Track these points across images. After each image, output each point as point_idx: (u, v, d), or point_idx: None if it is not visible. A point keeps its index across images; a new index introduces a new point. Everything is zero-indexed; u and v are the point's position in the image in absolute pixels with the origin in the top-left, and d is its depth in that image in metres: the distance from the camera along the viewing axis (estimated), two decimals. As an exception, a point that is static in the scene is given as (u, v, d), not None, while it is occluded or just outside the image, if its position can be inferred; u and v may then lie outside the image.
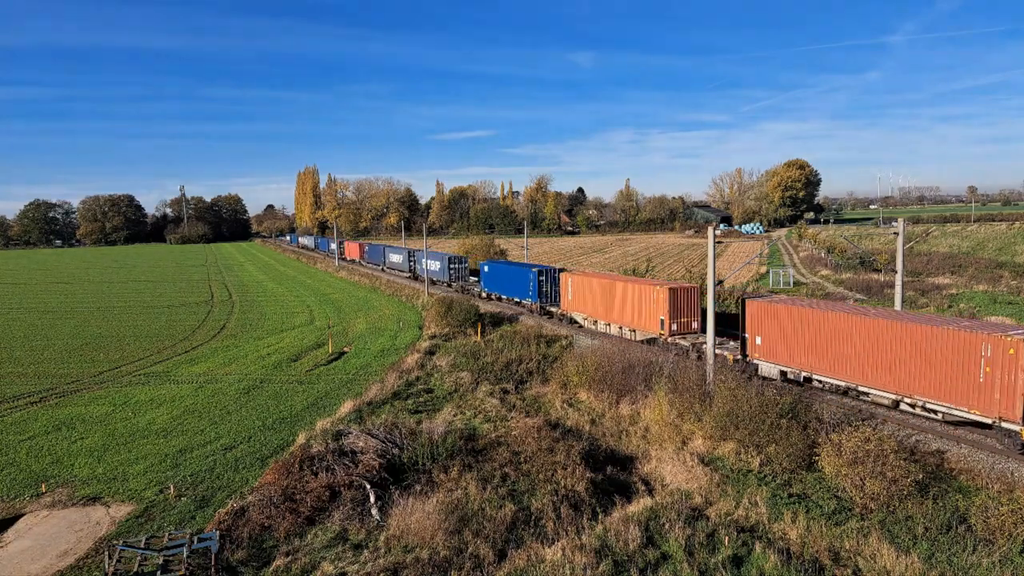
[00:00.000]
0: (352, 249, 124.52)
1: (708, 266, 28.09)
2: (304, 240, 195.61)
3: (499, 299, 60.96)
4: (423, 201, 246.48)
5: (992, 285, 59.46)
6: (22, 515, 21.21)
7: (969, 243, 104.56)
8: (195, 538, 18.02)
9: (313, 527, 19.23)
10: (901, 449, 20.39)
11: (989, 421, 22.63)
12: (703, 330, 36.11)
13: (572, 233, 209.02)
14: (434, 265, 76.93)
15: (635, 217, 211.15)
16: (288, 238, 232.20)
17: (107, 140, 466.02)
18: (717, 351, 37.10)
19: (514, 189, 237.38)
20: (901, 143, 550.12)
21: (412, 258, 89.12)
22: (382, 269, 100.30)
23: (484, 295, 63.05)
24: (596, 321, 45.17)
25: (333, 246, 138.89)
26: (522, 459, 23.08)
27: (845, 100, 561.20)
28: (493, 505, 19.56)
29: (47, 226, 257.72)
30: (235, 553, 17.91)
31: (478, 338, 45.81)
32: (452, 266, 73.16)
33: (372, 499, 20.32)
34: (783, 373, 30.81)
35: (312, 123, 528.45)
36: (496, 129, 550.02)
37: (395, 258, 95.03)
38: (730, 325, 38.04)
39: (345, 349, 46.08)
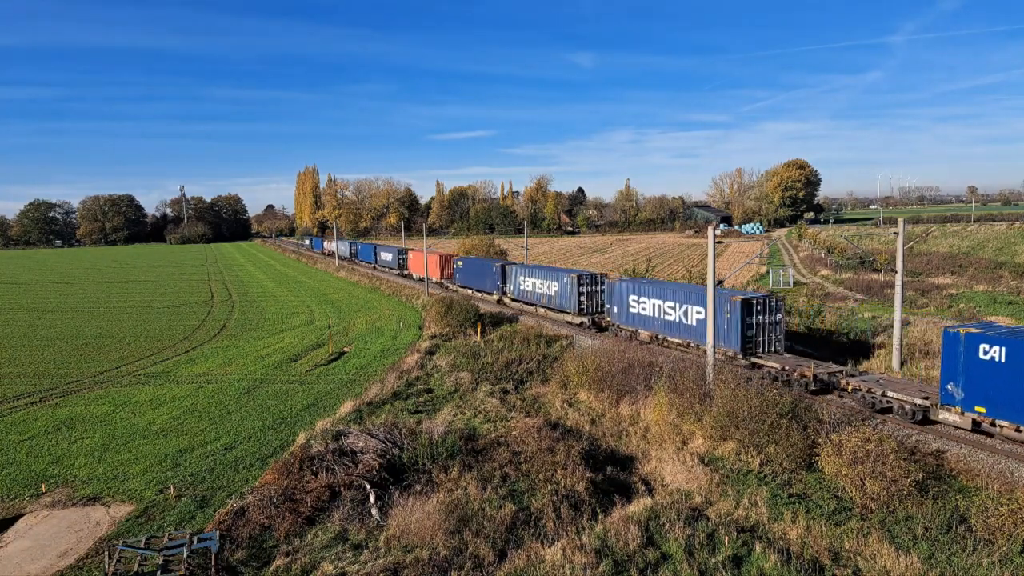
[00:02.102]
0: (424, 263, 72.76)
1: (708, 266, 28.08)
2: (332, 246, 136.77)
3: None
4: (423, 201, 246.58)
5: (992, 285, 59.43)
6: (22, 515, 21.20)
7: (969, 243, 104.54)
8: (195, 538, 18.01)
9: (313, 527, 19.22)
10: (901, 449, 20.38)
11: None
12: None
13: (572, 233, 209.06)
14: (668, 307, 37.27)
15: (635, 217, 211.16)
16: (308, 241, 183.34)
17: (107, 140, 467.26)
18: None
19: (514, 189, 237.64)
20: (901, 143, 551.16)
21: (591, 288, 45.22)
22: (498, 300, 58.78)
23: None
24: None
25: (386, 256, 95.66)
26: (522, 459, 23.07)
27: (845, 100, 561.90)
28: (493, 505, 19.55)
29: (47, 226, 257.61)
30: (235, 553, 17.90)
31: (478, 338, 45.80)
32: (761, 319, 32.92)
33: (372, 499, 20.32)
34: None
35: (312, 123, 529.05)
36: (496, 129, 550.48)
37: (543, 286, 49.89)
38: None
39: (345, 349, 46.08)
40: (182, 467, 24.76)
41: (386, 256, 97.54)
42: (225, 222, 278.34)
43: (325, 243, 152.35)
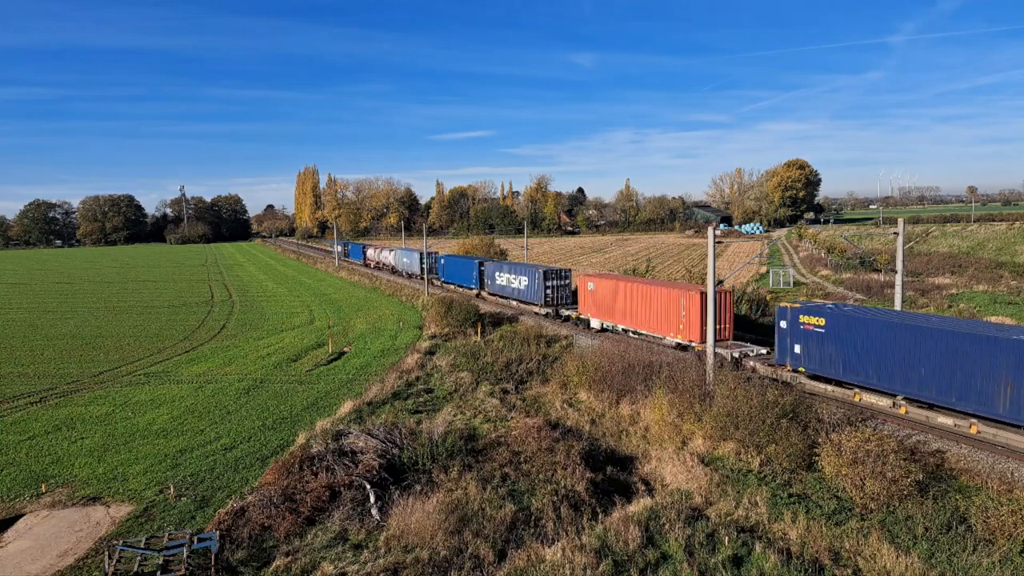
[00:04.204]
0: (655, 303, 37.95)
1: (708, 266, 28.08)
2: (386, 257, 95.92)
3: None
4: (423, 201, 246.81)
5: (992, 285, 59.44)
6: (22, 515, 21.19)
7: (969, 243, 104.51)
8: (195, 538, 18.01)
9: (313, 527, 19.22)
10: (901, 449, 20.38)
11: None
12: None
13: (572, 233, 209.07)
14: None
15: (635, 217, 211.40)
16: (340, 248, 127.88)
17: (107, 140, 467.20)
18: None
19: (514, 189, 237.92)
20: (901, 143, 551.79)
21: None
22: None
23: None
24: None
25: (516, 280, 54.24)
26: (522, 459, 23.07)
27: (846, 100, 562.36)
28: (493, 505, 19.55)
29: (47, 226, 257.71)
30: (235, 553, 17.89)
31: (478, 338, 45.79)
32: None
33: (372, 499, 20.32)
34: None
35: (312, 123, 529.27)
36: (496, 129, 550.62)
37: None
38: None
39: (345, 349, 46.07)
40: (182, 467, 24.75)
41: (516, 281, 54.50)
42: (225, 222, 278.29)
43: (370, 251, 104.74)
